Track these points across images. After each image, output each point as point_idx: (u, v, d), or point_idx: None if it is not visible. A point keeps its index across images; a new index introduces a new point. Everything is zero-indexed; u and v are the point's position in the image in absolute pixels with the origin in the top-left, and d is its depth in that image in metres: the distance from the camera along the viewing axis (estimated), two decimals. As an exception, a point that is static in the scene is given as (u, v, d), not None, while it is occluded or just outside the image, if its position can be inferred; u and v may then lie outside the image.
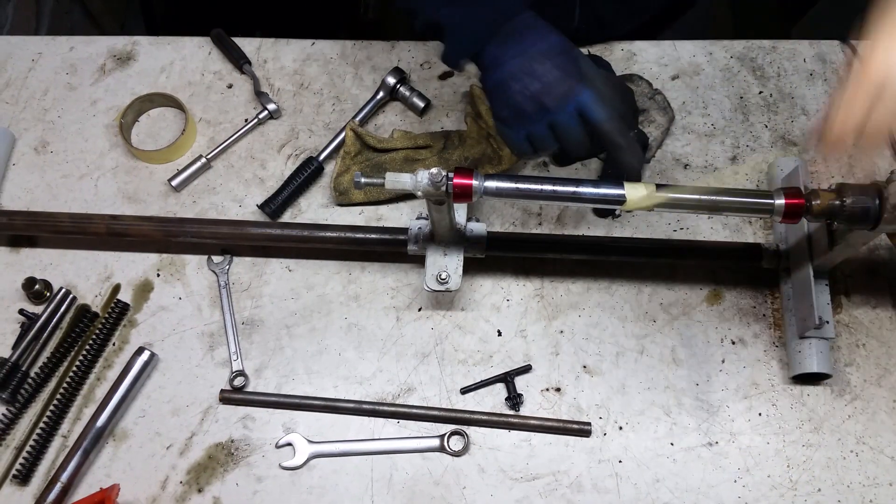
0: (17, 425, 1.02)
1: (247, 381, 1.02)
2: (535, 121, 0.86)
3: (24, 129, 1.21)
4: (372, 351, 1.04)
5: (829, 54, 1.21)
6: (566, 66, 0.85)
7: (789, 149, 1.14)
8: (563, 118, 0.85)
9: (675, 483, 0.95)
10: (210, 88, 1.24)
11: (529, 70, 0.85)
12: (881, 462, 0.95)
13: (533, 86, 0.85)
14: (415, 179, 0.84)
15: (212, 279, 1.09)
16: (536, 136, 0.88)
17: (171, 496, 0.97)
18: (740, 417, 0.98)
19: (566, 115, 0.85)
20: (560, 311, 1.05)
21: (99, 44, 1.28)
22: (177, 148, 1.17)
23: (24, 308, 1.07)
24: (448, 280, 0.97)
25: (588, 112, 0.85)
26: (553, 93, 0.84)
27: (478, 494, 0.95)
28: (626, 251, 1.05)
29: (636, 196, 0.84)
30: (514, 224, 1.11)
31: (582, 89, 0.84)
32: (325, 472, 0.97)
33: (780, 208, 0.84)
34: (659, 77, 1.20)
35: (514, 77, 0.86)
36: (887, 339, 1.02)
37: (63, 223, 1.07)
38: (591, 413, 0.99)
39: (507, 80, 0.86)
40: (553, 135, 0.87)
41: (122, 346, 1.06)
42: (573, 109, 0.85)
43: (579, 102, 0.84)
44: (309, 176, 1.13)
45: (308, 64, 1.25)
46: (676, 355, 1.02)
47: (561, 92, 0.84)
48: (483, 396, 1.01)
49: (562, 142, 0.87)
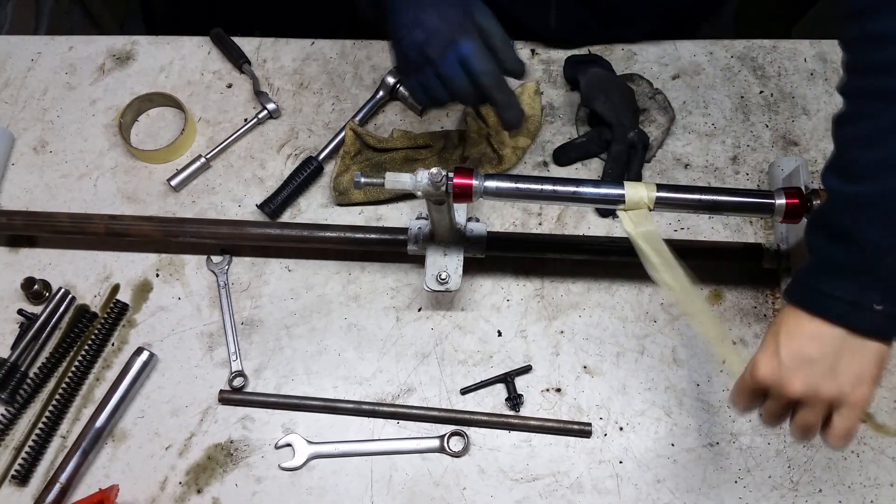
0: (16, 425, 1.01)
1: (246, 381, 1.02)
2: (421, 69, 0.86)
3: (23, 128, 1.21)
4: (372, 351, 1.03)
5: (830, 54, 1.21)
6: (449, 15, 0.84)
7: (790, 148, 1.14)
8: (445, 68, 0.84)
9: (675, 484, 0.95)
10: (209, 88, 1.24)
11: (415, 19, 0.85)
12: (882, 462, 0.95)
13: (416, 34, 0.84)
14: (415, 179, 0.84)
15: (211, 279, 1.09)
16: (426, 85, 0.87)
17: (170, 497, 0.96)
18: (741, 418, 0.98)
19: (448, 66, 0.84)
20: (560, 312, 1.05)
21: (98, 43, 1.28)
22: (176, 148, 1.17)
23: (23, 308, 1.06)
24: (448, 280, 0.97)
25: (467, 63, 0.84)
26: (432, 42, 0.84)
27: (478, 495, 0.95)
28: (626, 251, 1.04)
29: (636, 197, 0.84)
30: (514, 224, 1.11)
31: (463, 39, 0.83)
32: (325, 473, 0.97)
33: (782, 208, 0.84)
34: (659, 77, 1.20)
35: (403, 25, 0.85)
36: (888, 339, 1.02)
37: (62, 223, 1.07)
38: (592, 413, 0.99)
39: (398, 27, 0.86)
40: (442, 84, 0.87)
41: (122, 346, 1.05)
42: (454, 60, 0.84)
43: (460, 53, 0.83)
44: (308, 176, 1.13)
45: (308, 63, 1.25)
46: (677, 355, 1.02)
47: (441, 41, 0.84)
48: (483, 397, 1.01)
49: (450, 90, 0.87)
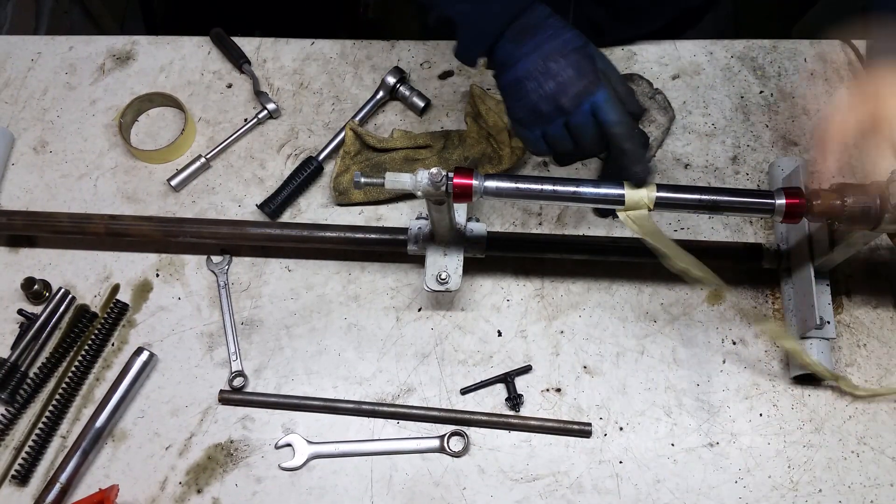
0: (16, 426, 1.01)
1: (246, 381, 1.02)
2: (551, 121, 0.85)
3: (23, 128, 1.21)
4: (372, 351, 1.03)
5: (830, 54, 1.21)
6: (581, 64, 0.83)
7: (790, 148, 1.14)
8: (578, 118, 0.83)
9: (675, 484, 0.95)
10: (209, 88, 1.24)
11: (544, 69, 0.83)
12: (882, 463, 0.95)
13: (548, 85, 0.83)
14: (415, 179, 0.83)
15: (211, 279, 1.09)
16: (552, 135, 0.86)
17: (170, 497, 0.96)
18: (741, 418, 0.98)
19: (581, 115, 0.83)
20: (560, 312, 1.05)
21: (98, 43, 1.28)
22: (176, 148, 1.17)
23: (23, 308, 1.06)
24: (448, 280, 0.97)
25: (600, 113, 0.83)
26: (568, 92, 0.83)
27: (478, 495, 0.95)
28: (626, 251, 1.04)
29: (636, 198, 0.84)
30: (514, 224, 1.11)
31: (597, 88, 0.83)
32: (325, 473, 0.97)
33: (781, 208, 0.83)
34: (659, 76, 1.20)
35: (530, 76, 0.84)
36: (888, 339, 1.02)
37: (62, 223, 1.07)
38: (592, 413, 0.99)
39: (522, 79, 0.84)
40: (569, 134, 0.85)
41: (121, 346, 1.05)
42: (588, 109, 0.83)
43: (594, 102, 0.82)
44: (308, 176, 1.13)
45: (308, 63, 1.25)
46: (677, 355, 1.02)
47: (576, 91, 0.83)
48: (483, 397, 1.01)
49: (577, 141, 0.85)
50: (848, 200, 0.81)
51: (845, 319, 1.03)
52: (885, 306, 1.04)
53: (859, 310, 1.03)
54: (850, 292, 1.04)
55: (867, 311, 1.03)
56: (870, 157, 0.81)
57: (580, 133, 0.84)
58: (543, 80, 0.83)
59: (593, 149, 0.86)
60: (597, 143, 0.85)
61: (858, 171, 0.83)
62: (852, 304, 1.04)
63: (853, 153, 0.82)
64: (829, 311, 0.95)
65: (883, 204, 0.80)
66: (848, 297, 1.04)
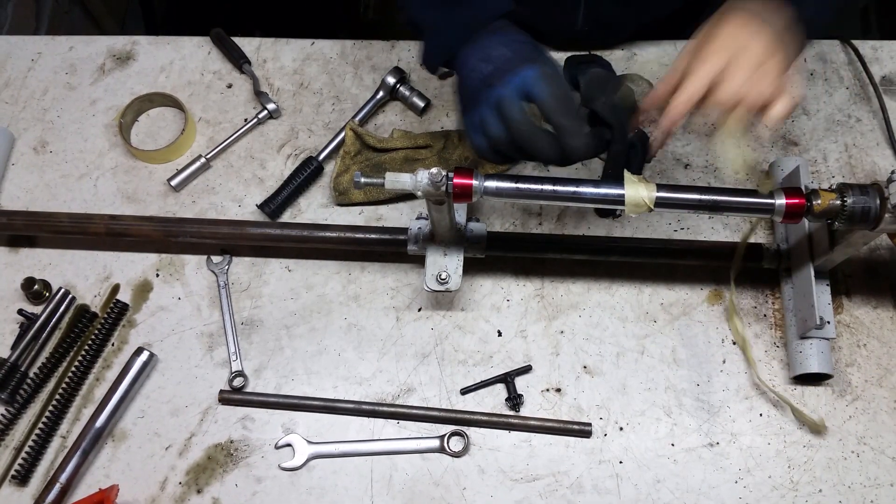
0: (16, 426, 1.01)
1: (246, 381, 1.02)
2: (482, 101, 0.84)
3: (23, 128, 1.21)
4: (372, 351, 1.03)
5: (829, 54, 1.21)
6: (520, 48, 0.84)
7: (790, 148, 1.14)
8: (505, 92, 0.82)
9: (675, 484, 0.95)
10: (210, 88, 1.24)
11: (485, 56, 0.85)
12: (882, 463, 0.95)
13: (486, 68, 0.84)
14: (415, 179, 0.83)
15: (211, 279, 1.09)
16: (484, 120, 0.85)
17: (170, 497, 0.96)
18: (741, 418, 0.98)
19: (508, 90, 0.82)
20: (560, 312, 1.05)
21: (98, 43, 1.28)
22: (176, 148, 1.17)
23: (23, 308, 1.06)
24: (448, 280, 0.97)
25: (530, 89, 0.82)
26: (500, 71, 0.83)
27: (478, 495, 0.95)
28: (626, 251, 1.04)
29: (635, 198, 0.84)
30: (514, 224, 1.11)
31: (527, 66, 0.82)
32: (325, 473, 0.97)
33: (781, 208, 0.83)
34: (659, 76, 1.20)
35: (474, 66, 0.85)
36: (888, 339, 1.02)
37: (62, 223, 1.07)
38: (592, 413, 0.99)
39: (468, 71, 0.86)
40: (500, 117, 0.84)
41: (121, 346, 1.05)
42: (515, 86, 0.82)
43: (523, 79, 0.82)
44: (308, 176, 1.13)
45: (308, 64, 1.25)
46: (677, 355, 1.02)
47: (507, 70, 0.83)
48: (483, 397, 1.01)
49: (506, 123, 0.83)
50: (848, 200, 0.81)
51: (845, 319, 1.03)
52: (885, 306, 1.04)
53: (859, 310, 1.03)
54: (849, 292, 1.04)
55: (867, 311, 1.03)
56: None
57: (508, 112, 0.82)
58: (484, 65, 0.85)
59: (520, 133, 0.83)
60: (523, 123, 0.82)
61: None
62: (852, 304, 1.04)
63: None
64: (829, 311, 0.95)
65: (883, 204, 0.80)
66: (848, 297, 1.04)
